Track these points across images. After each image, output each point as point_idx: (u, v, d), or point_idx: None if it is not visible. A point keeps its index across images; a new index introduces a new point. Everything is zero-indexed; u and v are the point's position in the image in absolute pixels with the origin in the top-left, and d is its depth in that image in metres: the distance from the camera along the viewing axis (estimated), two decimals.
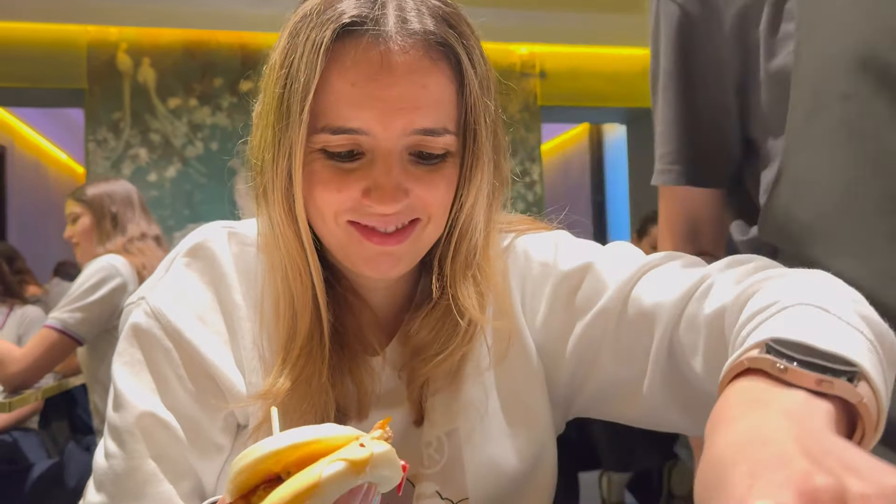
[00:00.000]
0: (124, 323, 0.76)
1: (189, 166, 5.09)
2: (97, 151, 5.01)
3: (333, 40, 0.64)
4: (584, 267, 0.77)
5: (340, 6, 0.65)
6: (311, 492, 0.45)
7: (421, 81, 0.65)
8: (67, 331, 2.13)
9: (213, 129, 5.12)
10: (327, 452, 0.48)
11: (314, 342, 0.70)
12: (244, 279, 0.75)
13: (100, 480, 0.72)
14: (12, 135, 7.02)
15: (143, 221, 2.39)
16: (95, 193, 2.35)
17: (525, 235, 0.84)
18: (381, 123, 0.65)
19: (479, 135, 0.69)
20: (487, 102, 0.70)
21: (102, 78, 5.03)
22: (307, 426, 0.50)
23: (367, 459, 0.47)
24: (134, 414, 0.71)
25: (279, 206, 0.68)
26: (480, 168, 0.70)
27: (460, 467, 0.75)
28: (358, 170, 0.66)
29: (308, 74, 0.64)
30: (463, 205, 0.71)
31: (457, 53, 0.67)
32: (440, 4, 0.68)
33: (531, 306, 0.80)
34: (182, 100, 5.13)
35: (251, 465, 0.48)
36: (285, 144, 0.66)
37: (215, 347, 0.73)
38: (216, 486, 0.73)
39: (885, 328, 0.55)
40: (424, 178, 0.68)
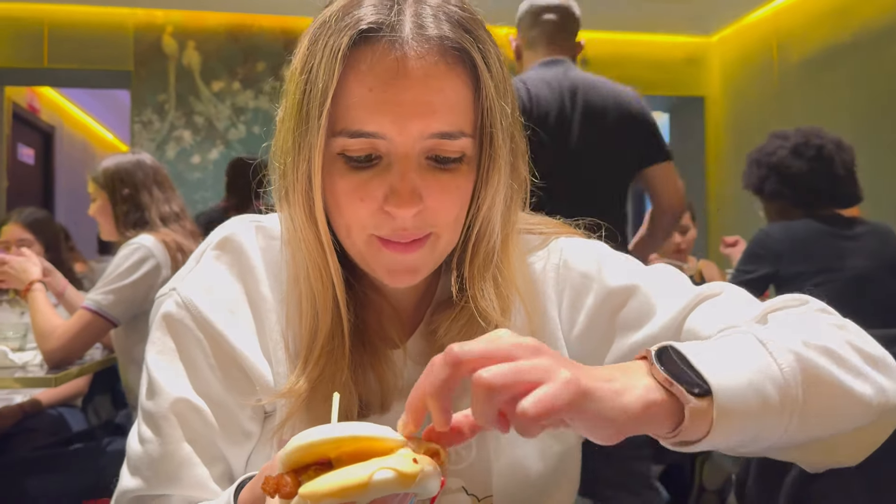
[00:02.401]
0: (155, 313, 0.79)
1: (231, 149, 5.16)
2: (142, 133, 5.11)
3: (351, 46, 0.65)
4: (632, 287, 0.78)
5: (358, 12, 0.66)
6: (359, 490, 0.49)
7: (437, 86, 0.66)
8: (101, 312, 2.18)
9: (256, 113, 5.18)
10: (380, 452, 0.52)
11: (335, 341, 0.72)
12: (271, 272, 0.77)
13: (135, 465, 0.75)
14: (62, 115, 7.19)
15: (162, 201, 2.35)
16: (108, 174, 2.32)
17: (560, 239, 0.84)
18: (397, 127, 0.66)
19: (495, 138, 0.70)
20: (504, 106, 0.70)
21: (148, 60, 5.12)
22: (367, 423, 0.53)
23: (415, 475, 0.51)
24: (168, 400, 0.74)
25: (300, 208, 0.70)
26: (497, 171, 0.71)
27: (486, 466, 0.77)
28: (376, 177, 0.68)
29: (326, 80, 0.65)
30: (480, 207, 0.72)
31: (472, 58, 0.68)
32: (457, 10, 0.69)
33: (569, 315, 0.81)
34: (225, 83, 5.20)
35: (309, 445, 0.51)
36: (305, 149, 0.67)
37: (244, 338, 0.75)
38: (244, 471, 0.76)
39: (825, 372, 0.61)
40: (440, 183, 0.68)
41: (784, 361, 0.59)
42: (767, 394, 0.58)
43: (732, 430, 0.57)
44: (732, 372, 0.57)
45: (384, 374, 0.75)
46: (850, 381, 0.62)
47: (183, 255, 2.26)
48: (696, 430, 0.56)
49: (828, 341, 0.63)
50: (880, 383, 0.64)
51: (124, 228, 2.31)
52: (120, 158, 2.38)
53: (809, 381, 0.60)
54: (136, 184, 2.32)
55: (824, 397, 0.60)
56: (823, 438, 0.63)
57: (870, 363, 0.65)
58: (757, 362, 0.59)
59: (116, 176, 2.31)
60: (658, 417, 0.55)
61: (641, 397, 0.55)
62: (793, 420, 0.59)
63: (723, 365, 0.58)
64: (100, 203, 2.35)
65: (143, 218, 2.31)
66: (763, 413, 0.58)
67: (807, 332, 0.64)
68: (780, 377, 0.59)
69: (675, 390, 0.56)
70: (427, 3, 0.69)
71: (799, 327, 0.65)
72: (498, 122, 0.70)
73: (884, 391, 0.64)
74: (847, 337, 0.66)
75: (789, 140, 2.37)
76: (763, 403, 0.58)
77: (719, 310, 0.74)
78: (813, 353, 0.61)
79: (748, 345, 0.61)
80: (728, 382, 0.57)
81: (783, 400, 0.58)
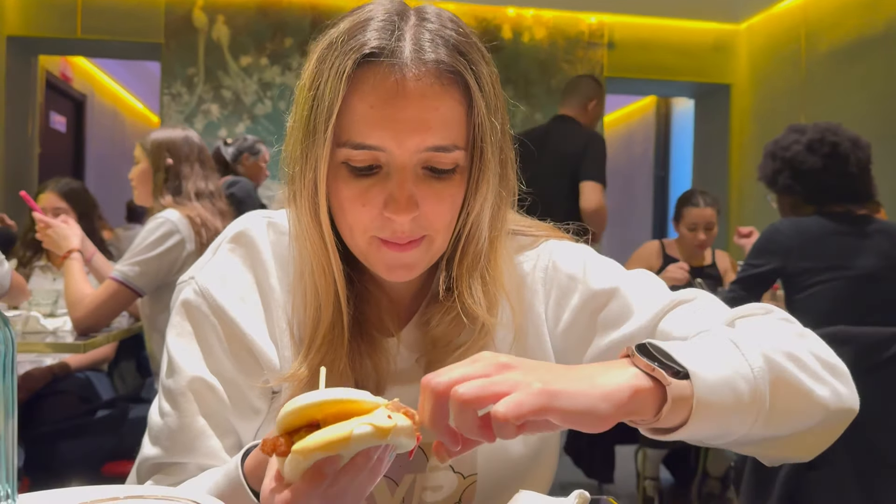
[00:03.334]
0: (176, 298, 0.87)
1: (258, 123, 5.25)
2: (171, 105, 5.20)
3: (355, 68, 0.72)
4: (612, 290, 0.85)
5: (363, 37, 0.73)
6: (342, 443, 0.57)
7: (432, 105, 0.73)
8: (127, 282, 2.27)
9: (283, 89, 5.26)
10: (360, 412, 0.59)
11: (335, 331, 0.79)
12: (279, 265, 0.85)
13: (155, 435, 0.83)
14: (93, 84, 7.31)
15: (200, 177, 2.43)
16: (156, 143, 2.41)
17: (550, 242, 0.91)
18: (395, 141, 0.73)
19: (485, 151, 0.77)
20: (494, 122, 0.77)
21: (179, 33, 5.20)
22: (348, 388, 0.61)
23: (390, 428, 0.58)
24: (186, 378, 0.82)
25: (306, 211, 0.77)
26: (486, 181, 0.78)
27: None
28: (376, 184, 0.75)
29: (332, 98, 0.72)
30: (469, 213, 0.79)
31: (466, 80, 0.75)
32: (454, 34, 0.76)
33: (555, 312, 0.88)
34: (253, 58, 5.27)
35: (298, 409, 0.59)
36: (311, 159, 0.75)
37: (254, 324, 0.83)
38: None
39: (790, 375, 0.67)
40: (434, 191, 0.75)
41: (755, 363, 0.65)
42: (740, 390, 0.64)
43: (708, 420, 0.62)
44: (710, 366, 0.63)
45: (379, 361, 0.82)
46: (811, 385, 0.68)
47: (207, 231, 2.35)
48: (676, 415, 0.62)
49: (791, 347, 0.70)
50: (836, 387, 0.71)
51: (160, 195, 2.40)
52: (170, 131, 2.48)
53: (776, 382, 0.66)
54: (181, 156, 2.41)
55: (788, 398, 0.67)
56: (782, 436, 0.69)
57: (827, 369, 0.71)
58: (731, 361, 0.65)
59: (164, 145, 2.41)
60: (643, 403, 0.61)
61: (628, 384, 0.61)
62: (759, 417, 0.65)
63: (701, 359, 0.64)
64: (142, 167, 2.44)
65: (179, 188, 2.40)
66: (735, 408, 0.63)
67: (773, 338, 0.70)
68: (751, 376, 0.65)
69: (657, 374, 0.62)
70: (426, 27, 0.75)
71: (765, 334, 0.71)
72: (488, 136, 0.76)
73: (839, 395, 0.70)
74: (807, 345, 0.72)
75: (805, 135, 2.38)
76: (736, 399, 0.63)
77: (692, 314, 0.80)
78: (779, 357, 0.67)
79: (723, 345, 0.67)
80: (706, 373, 0.63)
81: (752, 398, 0.64)
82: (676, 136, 7.37)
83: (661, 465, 3.22)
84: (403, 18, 0.75)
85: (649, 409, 0.62)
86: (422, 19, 0.76)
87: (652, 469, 3.13)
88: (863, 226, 2.32)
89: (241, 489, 0.70)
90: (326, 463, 0.58)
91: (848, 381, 0.73)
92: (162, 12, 5.18)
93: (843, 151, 2.32)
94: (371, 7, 0.77)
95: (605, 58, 5.74)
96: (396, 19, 0.75)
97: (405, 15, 0.76)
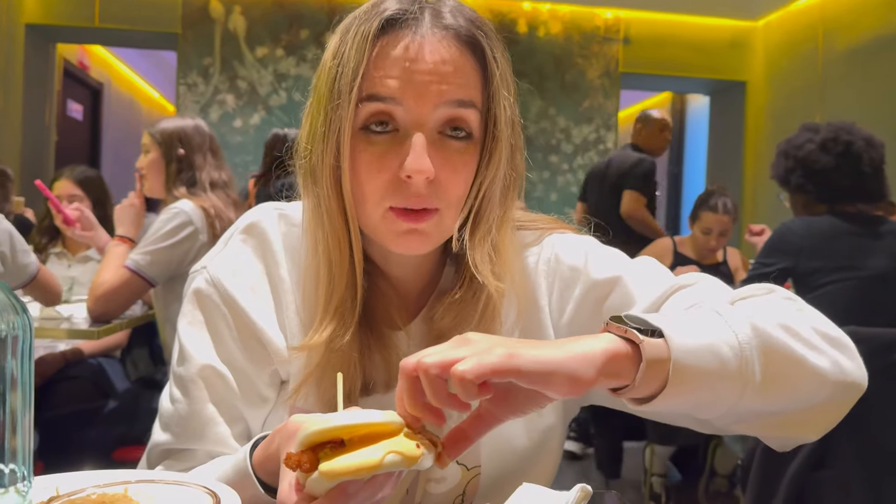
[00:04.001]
0: (189, 287, 0.88)
1: (272, 114, 5.27)
2: (187, 95, 5.23)
3: (378, 32, 0.75)
4: (615, 279, 0.85)
5: (385, 4, 0.77)
6: (371, 470, 0.59)
7: (450, 62, 0.76)
8: (140, 272, 2.28)
9: (297, 80, 5.27)
10: (386, 433, 0.61)
11: (346, 305, 0.80)
12: (290, 256, 0.86)
13: (165, 422, 0.85)
14: (110, 72, 7.36)
15: (213, 167, 2.43)
16: (167, 132, 2.40)
17: (554, 234, 0.92)
18: (414, 96, 0.75)
19: (498, 120, 0.79)
20: (507, 95, 0.80)
21: (195, 24, 5.23)
22: (372, 410, 0.63)
23: (418, 457, 0.60)
24: (196, 366, 0.84)
25: (326, 180, 0.78)
26: (499, 151, 0.79)
27: None
28: (392, 148, 0.76)
29: (357, 59, 0.75)
30: (482, 184, 0.80)
31: (482, 49, 0.78)
32: (471, 12, 0.80)
33: (558, 304, 0.89)
34: (269, 49, 5.29)
35: (324, 430, 0.60)
36: (336, 122, 0.76)
37: (263, 314, 0.84)
38: (261, 431, 0.85)
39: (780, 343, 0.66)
40: (450, 161, 0.77)
41: (740, 330, 0.65)
42: (724, 357, 0.63)
43: (689, 385, 0.62)
44: (689, 332, 0.63)
45: (388, 355, 0.83)
46: (805, 353, 0.67)
47: (220, 222, 2.36)
48: (653, 379, 0.62)
49: (787, 320, 0.69)
50: (837, 359, 0.69)
51: (174, 187, 2.40)
52: (180, 121, 2.47)
53: (765, 349, 0.65)
54: (193, 146, 2.41)
55: (780, 366, 0.65)
56: (781, 412, 0.69)
57: (827, 341, 0.70)
58: (714, 329, 0.65)
59: (175, 135, 2.40)
60: (619, 365, 0.62)
61: (601, 348, 0.62)
62: (748, 387, 0.64)
63: (678, 325, 0.64)
64: (152, 157, 2.43)
65: (193, 178, 2.40)
66: (719, 375, 0.63)
67: (768, 312, 0.70)
68: (735, 344, 0.64)
69: (630, 335, 0.63)
70: (445, 2, 0.79)
71: (761, 308, 0.71)
72: (502, 107, 0.79)
73: (840, 367, 0.69)
74: (806, 319, 0.72)
75: (819, 134, 2.36)
76: (719, 365, 0.63)
77: (693, 298, 0.80)
78: (769, 326, 0.67)
79: (706, 315, 0.67)
80: (684, 338, 0.62)
81: (739, 365, 0.64)
82: (691, 133, 7.34)
83: (669, 461, 3.22)
84: None
85: (625, 372, 0.62)
86: (441, 2, 0.79)
87: (660, 465, 3.13)
88: (875, 226, 2.31)
89: (249, 479, 0.71)
90: (350, 483, 0.60)
91: (852, 355, 0.71)
92: (179, 2, 5.21)
93: (857, 151, 2.30)
94: None
95: (620, 53, 5.72)
96: None
97: None
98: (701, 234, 3.38)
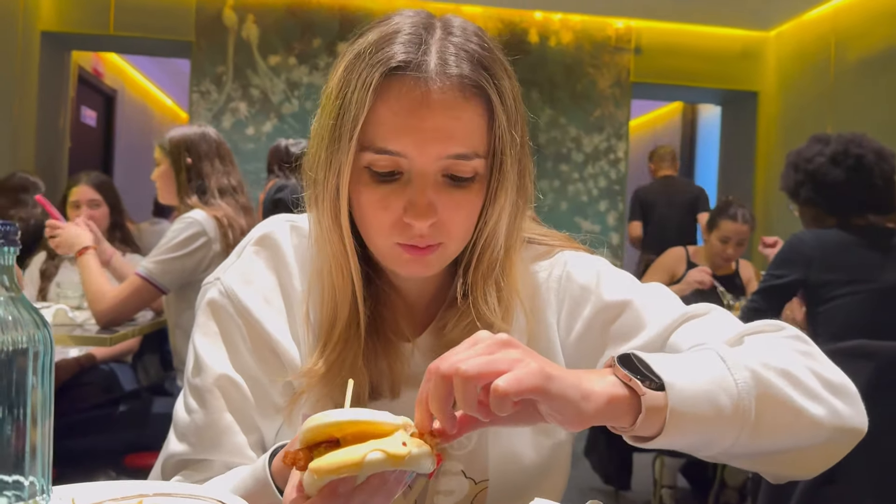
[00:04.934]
0: (202, 298, 0.89)
1: (284, 122, 5.30)
2: (200, 103, 5.27)
3: (381, 80, 0.74)
4: (625, 302, 0.86)
5: (390, 49, 0.75)
6: (353, 468, 0.59)
7: (455, 115, 0.75)
8: (152, 279, 2.31)
9: (309, 88, 5.30)
10: (379, 434, 0.61)
11: (351, 330, 0.81)
12: (302, 267, 0.87)
13: (182, 432, 0.85)
14: (124, 79, 7.41)
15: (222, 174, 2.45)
16: (174, 142, 2.43)
17: (566, 252, 0.92)
18: (417, 149, 0.75)
19: (504, 163, 0.79)
20: (514, 134, 0.79)
21: (209, 32, 5.26)
22: (367, 409, 0.63)
23: (403, 456, 0.60)
24: (212, 376, 0.85)
25: (328, 214, 0.79)
26: (504, 191, 0.80)
27: (484, 453, 0.86)
28: (397, 190, 0.77)
29: (358, 108, 0.75)
30: (487, 222, 0.81)
31: (488, 94, 0.77)
32: (478, 48, 0.78)
33: (567, 322, 0.89)
34: (282, 58, 5.33)
35: (319, 426, 0.61)
36: (335, 164, 0.77)
37: (276, 324, 0.85)
38: (275, 441, 0.86)
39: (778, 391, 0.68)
40: (453, 199, 0.77)
41: (740, 377, 0.67)
42: (721, 403, 0.65)
43: (685, 430, 0.64)
44: (689, 378, 0.65)
45: (394, 363, 0.85)
46: (802, 402, 0.69)
47: (233, 231, 2.38)
48: (651, 424, 0.64)
49: (788, 364, 0.71)
50: (835, 406, 0.71)
51: (185, 195, 2.43)
52: (186, 129, 2.50)
53: (763, 397, 0.67)
54: (200, 154, 2.43)
55: (775, 414, 0.68)
56: (778, 452, 0.70)
57: (827, 388, 0.72)
58: (714, 375, 0.67)
59: (182, 145, 2.43)
60: (619, 410, 0.64)
61: (605, 391, 0.64)
62: (744, 431, 0.66)
63: (680, 371, 0.66)
64: (163, 168, 2.47)
65: (203, 186, 2.42)
66: (715, 420, 0.65)
67: (771, 355, 0.71)
68: (734, 390, 0.66)
69: (633, 384, 0.64)
70: (451, 41, 0.77)
71: (765, 350, 0.72)
72: (508, 148, 0.79)
73: (838, 414, 0.71)
74: (809, 363, 0.73)
75: (829, 146, 2.35)
76: (716, 411, 0.65)
77: (702, 329, 0.81)
78: (770, 373, 0.68)
79: (709, 359, 0.69)
80: (683, 385, 0.64)
81: (735, 411, 0.66)
82: (702, 142, 7.32)
83: (679, 473, 3.21)
84: (429, 31, 0.77)
85: (625, 417, 0.64)
86: (447, 33, 0.78)
87: (669, 477, 3.13)
88: (887, 239, 2.30)
89: (269, 489, 0.72)
90: (340, 483, 0.60)
91: (853, 401, 0.73)
92: (193, 11, 5.25)
93: (868, 164, 2.29)
94: (398, 19, 0.79)
95: (631, 63, 5.73)
96: (423, 32, 0.77)
97: (431, 28, 0.78)
98: (718, 243, 3.36)
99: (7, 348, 0.55)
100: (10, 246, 0.57)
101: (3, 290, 0.56)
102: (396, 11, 0.81)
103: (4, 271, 0.57)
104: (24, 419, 0.55)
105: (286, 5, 5.32)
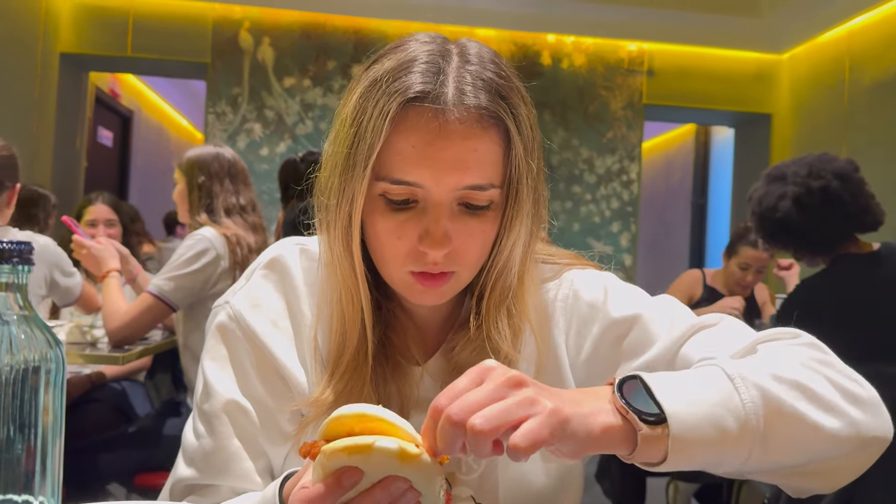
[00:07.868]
0: (211, 322, 0.89)
1: (298, 143, 5.33)
2: (216, 124, 5.31)
3: (398, 110, 0.74)
4: (634, 317, 0.85)
5: (407, 79, 0.75)
6: (364, 450, 0.58)
7: (471, 146, 0.75)
8: (162, 297, 2.33)
9: (324, 110, 5.34)
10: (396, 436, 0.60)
11: (360, 358, 0.81)
12: (311, 291, 0.87)
13: (190, 457, 0.85)
14: (140, 100, 7.50)
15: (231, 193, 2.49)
16: (188, 163, 2.49)
17: (573, 270, 0.92)
18: (434, 180, 0.75)
19: (520, 192, 0.79)
20: (531, 163, 0.79)
21: (225, 54, 5.32)
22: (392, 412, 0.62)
23: (417, 456, 0.59)
24: (221, 401, 0.84)
25: (339, 241, 0.79)
26: (520, 220, 0.80)
27: (494, 478, 0.85)
28: (412, 218, 0.77)
29: (374, 138, 0.74)
30: (501, 251, 0.81)
31: (505, 124, 0.76)
32: (494, 77, 0.77)
33: (576, 342, 0.88)
34: (296, 79, 5.37)
35: (340, 417, 0.61)
36: (349, 192, 0.77)
37: (284, 349, 0.85)
38: (283, 468, 0.85)
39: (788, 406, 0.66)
40: (467, 227, 0.77)
41: (747, 395, 0.65)
42: (726, 426, 0.64)
43: (690, 455, 0.63)
44: (692, 404, 0.64)
45: (404, 387, 0.84)
46: (816, 416, 0.67)
47: (241, 248, 2.40)
48: (650, 454, 0.63)
49: (801, 375, 0.68)
50: (854, 417, 0.69)
51: (195, 213, 2.48)
52: (202, 149, 2.55)
53: (773, 414, 0.65)
54: (211, 174, 2.48)
55: (788, 430, 0.66)
56: (796, 466, 0.69)
57: (845, 397, 0.69)
58: (720, 396, 0.65)
59: (195, 164, 2.48)
60: (615, 440, 0.63)
61: (601, 421, 0.63)
62: (754, 450, 0.65)
63: (684, 397, 0.64)
64: (180, 188, 2.53)
65: (211, 206, 2.46)
66: (721, 443, 0.64)
67: (784, 365, 0.69)
68: (741, 411, 0.65)
69: (629, 418, 0.63)
70: (468, 69, 0.76)
71: (777, 361, 0.70)
72: (524, 177, 0.78)
73: (856, 425, 0.68)
74: (826, 372, 0.71)
75: (787, 186, 2.17)
76: (721, 434, 0.64)
77: (713, 340, 0.80)
78: (782, 387, 0.67)
79: (715, 378, 0.67)
80: (685, 413, 0.63)
81: (743, 431, 0.64)
82: (715, 165, 7.30)
83: (693, 498, 3.17)
84: (446, 59, 0.77)
85: (621, 446, 0.64)
86: (464, 61, 0.77)
87: (683, 502, 3.09)
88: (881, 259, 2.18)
89: None
90: (345, 474, 0.59)
91: (875, 409, 0.71)
92: (209, 33, 5.31)
93: (835, 193, 2.10)
94: (414, 46, 0.78)
95: (644, 85, 5.73)
96: (440, 61, 0.76)
97: (448, 55, 0.77)
98: (737, 269, 3.29)
99: (19, 367, 0.55)
100: (24, 265, 0.58)
101: (16, 308, 0.57)
102: (411, 36, 0.81)
103: (18, 290, 0.57)
104: (35, 438, 0.55)
105: (301, 28, 5.37)
